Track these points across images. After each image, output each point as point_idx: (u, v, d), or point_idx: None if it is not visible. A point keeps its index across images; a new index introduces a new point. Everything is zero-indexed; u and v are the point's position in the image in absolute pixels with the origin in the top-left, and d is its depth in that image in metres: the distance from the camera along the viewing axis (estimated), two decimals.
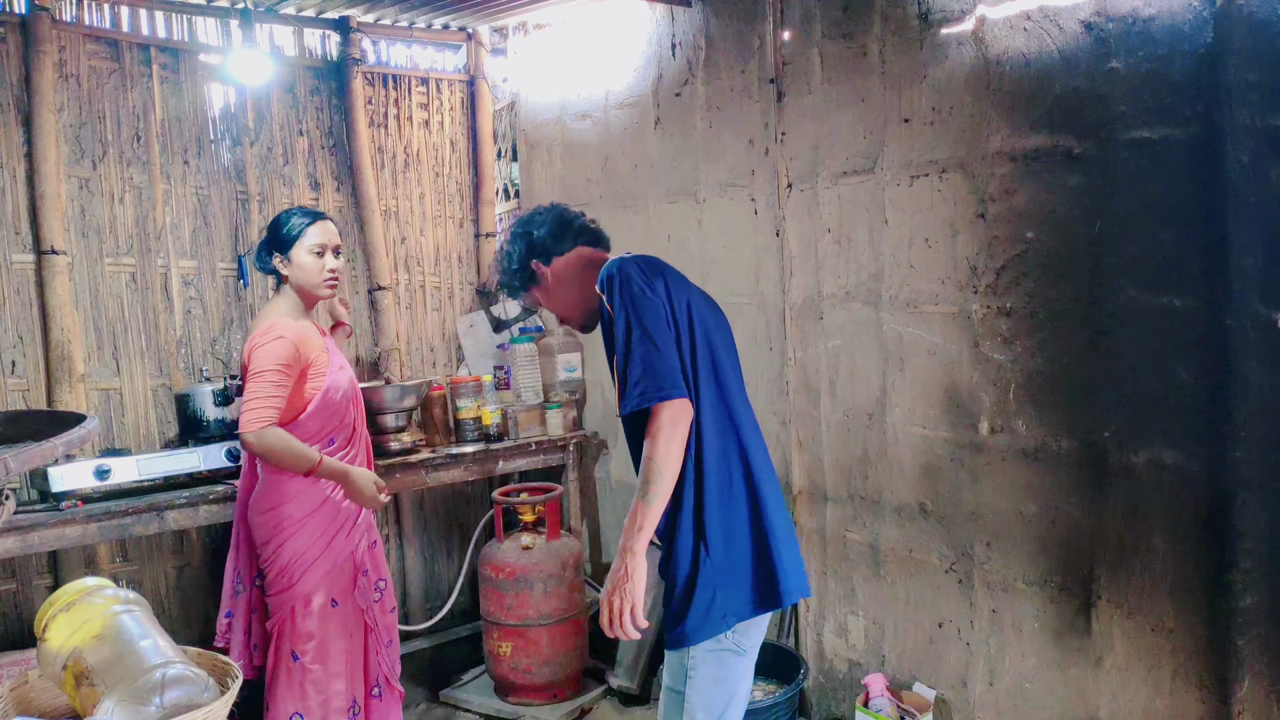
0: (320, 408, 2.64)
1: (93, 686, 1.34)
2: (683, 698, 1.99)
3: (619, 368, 1.90)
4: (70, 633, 1.41)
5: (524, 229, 2.17)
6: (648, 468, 1.85)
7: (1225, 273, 2.06)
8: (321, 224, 2.68)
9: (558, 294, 2.16)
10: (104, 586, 1.52)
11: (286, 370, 2.54)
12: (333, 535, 2.65)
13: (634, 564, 1.85)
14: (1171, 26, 2.12)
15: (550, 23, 4.12)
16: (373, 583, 2.75)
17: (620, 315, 1.91)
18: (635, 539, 1.85)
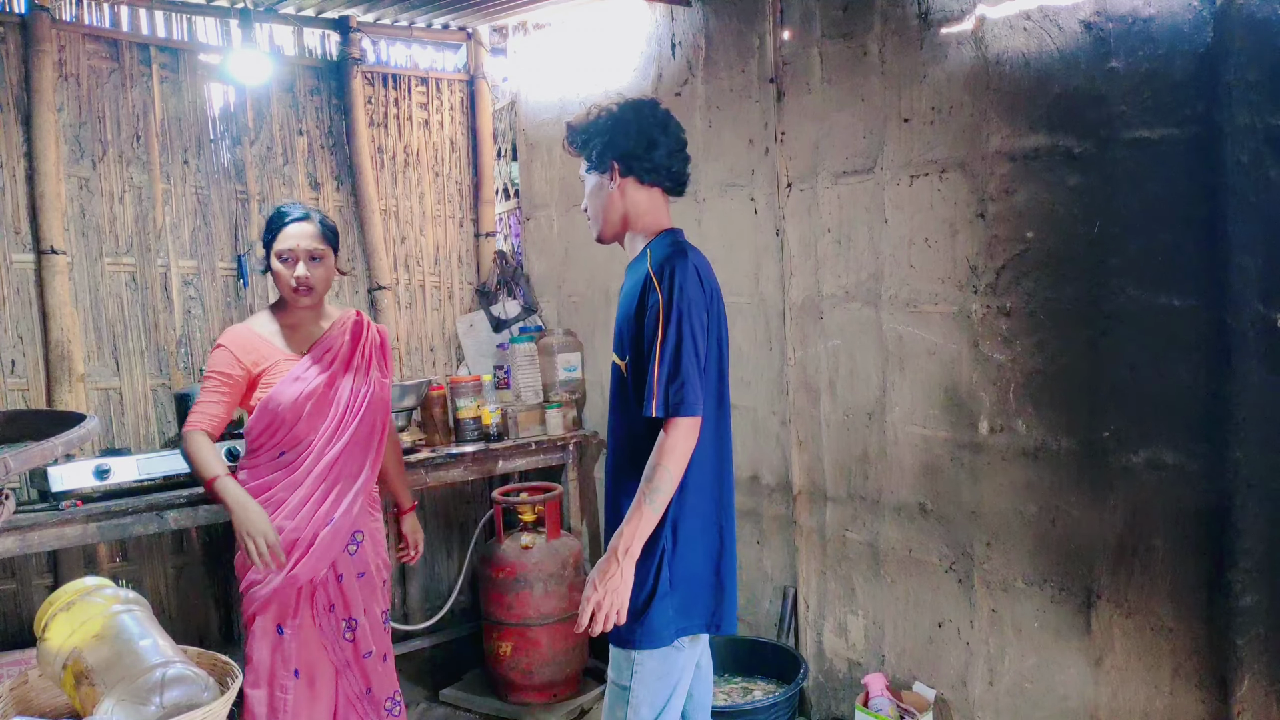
0: (258, 418, 2.48)
1: (92, 686, 1.34)
2: (628, 692, 2.03)
3: (657, 364, 1.90)
4: (70, 632, 1.41)
5: (637, 123, 2.06)
6: (659, 475, 1.88)
7: (1225, 272, 2.06)
8: (297, 226, 2.53)
9: (608, 202, 2.09)
10: (104, 586, 1.52)
11: (222, 377, 2.47)
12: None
13: (628, 567, 1.90)
14: (1171, 26, 2.12)
15: (550, 22, 4.12)
16: (339, 620, 2.51)
17: (673, 313, 1.91)
18: (633, 542, 1.90)
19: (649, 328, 1.93)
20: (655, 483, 1.89)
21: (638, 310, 1.98)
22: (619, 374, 2.04)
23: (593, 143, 2.08)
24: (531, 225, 4.40)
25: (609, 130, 2.06)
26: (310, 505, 2.48)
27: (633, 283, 2.03)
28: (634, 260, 2.09)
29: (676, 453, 1.89)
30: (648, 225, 2.08)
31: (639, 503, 1.90)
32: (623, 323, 2.03)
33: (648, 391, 1.90)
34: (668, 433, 1.90)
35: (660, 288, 1.93)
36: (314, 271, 2.54)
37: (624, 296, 2.05)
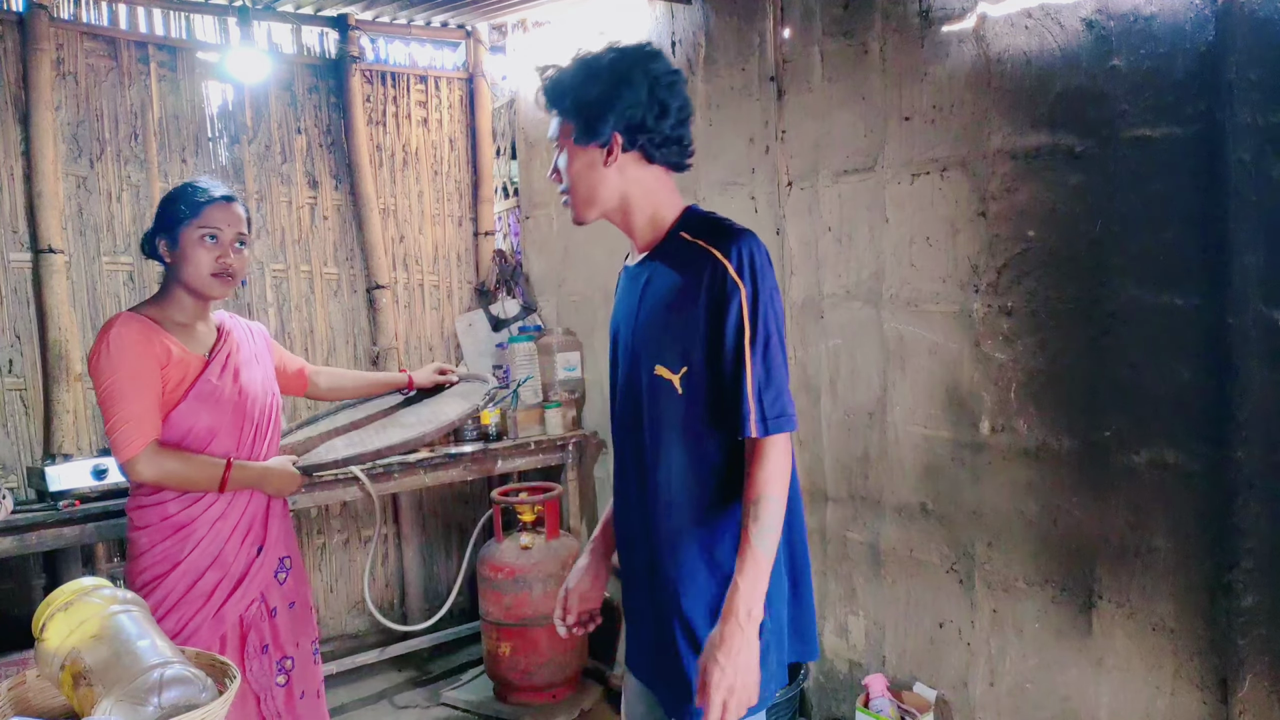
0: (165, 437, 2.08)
1: (90, 686, 1.33)
2: None
3: (750, 373, 1.55)
4: (68, 632, 1.40)
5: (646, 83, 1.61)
6: (766, 510, 1.52)
7: (1227, 271, 2.05)
8: (226, 206, 2.14)
9: (601, 182, 1.65)
10: (101, 586, 1.51)
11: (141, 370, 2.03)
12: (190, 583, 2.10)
13: (753, 633, 1.51)
14: (1173, 25, 2.11)
15: (549, 20, 4.11)
16: (272, 662, 2.18)
17: (760, 308, 1.55)
18: (755, 601, 1.51)
19: (730, 329, 1.55)
20: (764, 520, 1.52)
21: (705, 308, 1.57)
22: (664, 391, 1.60)
23: (586, 108, 1.61)
24: (531, 224, 4.39)
25: (610, 92, 1.60)
26: (236, 535, 2.15)
27: (671, 275, 1.62)
28: (659, 248, 1.67)
29: (780, 477, 1.54)
30: (660, 206, 1.68)
31: (750, 550, 1.51)
32: (664, 326, 1.61)
33: (744, 408, 1.54)
34: (767, 454, 1.54)
35: (741, 278, 1.55)
36: (239, 260, 2.16)
37: (654, 292, 1.64)
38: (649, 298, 1.65)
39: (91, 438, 3.47)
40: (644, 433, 1.65)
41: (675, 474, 1.62)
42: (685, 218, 1.68)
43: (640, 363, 1.64)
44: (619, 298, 1.79)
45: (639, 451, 1.67)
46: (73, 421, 3.40)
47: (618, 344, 1.75)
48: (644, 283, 1.67)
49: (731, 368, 1.55)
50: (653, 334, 1.63)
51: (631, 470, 1.70)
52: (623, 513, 1.77)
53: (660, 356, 1.61)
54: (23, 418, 3.37)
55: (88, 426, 3.46)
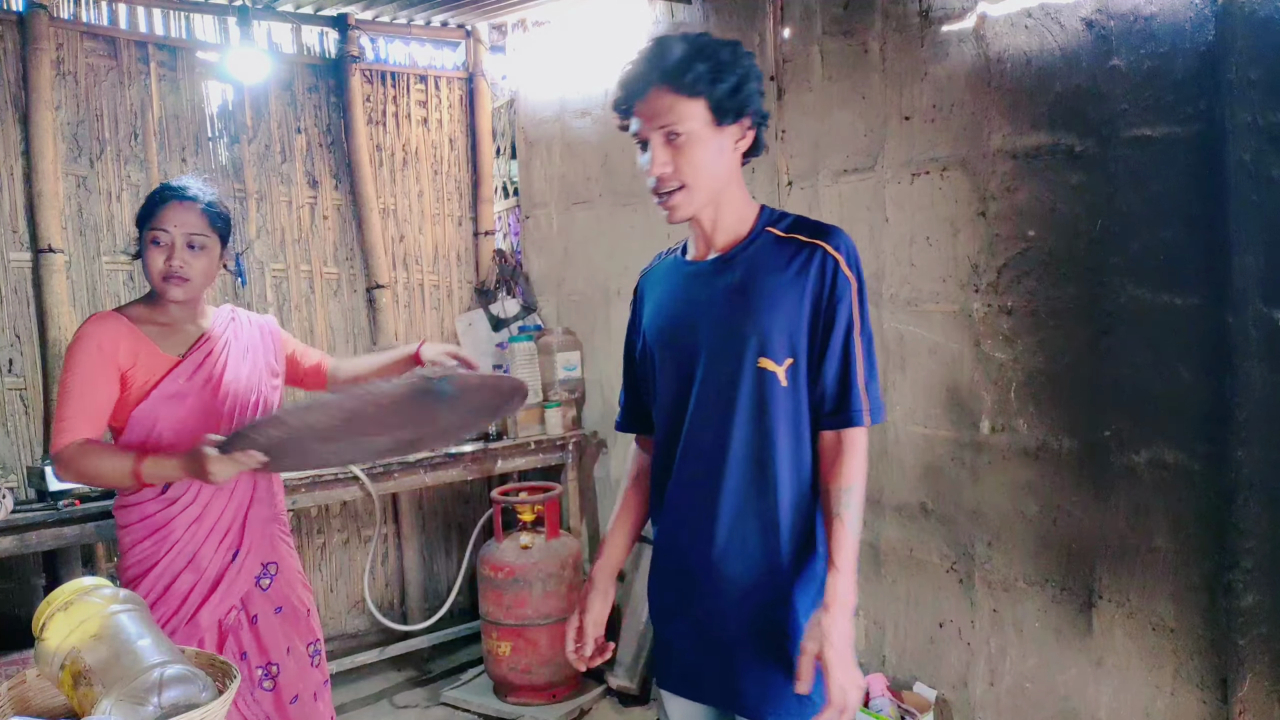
0: (130, 437, 2.05)
1: (90, 686, 1.33)
2: None
3: (861, 363, 1.58)
4: (68, 632, 1.40)
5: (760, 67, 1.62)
6: (859, 496, 1.58)
7: (1227, 271, 2.05)
8: (178, 206, 2.05)
9: (726, 170, 1.59)
10: (102, 586, 1.51)
11: (91, 371, 2.00)
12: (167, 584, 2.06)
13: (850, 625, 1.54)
14: (1173, 24, 2.11)
15: (549, 20, 4.11)
16: (253, 669, 2.13)
17: (865, 300, 1.60)
18: (853, 588, 1.55)
19: (841, 321, 1.57)
20: (856, 508, 1.57)
21: (814, 302, 1.58)
22: (769, 383, 1.59)
23: (731, 85, 1.53)
24: (531, 224, 4.39)
25: (748, 69, 1.55)
26: (213, 538, 2.10)
27: (771, 271, 1.60)
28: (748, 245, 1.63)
29: (864, 468, 1.60)
30: (744, 200, 1.65)
31: (848, 536, 1.55)
32: (767, 320, 1.59)
33: (854, 399, 1.57)
34: (858, 443, 1.59)
35: (852, 271, 1.58)
36: (192, 262, 2.06)
37: (749, 288, 1.60)
38: (740, 293, 1.61)
39: None
40: (740, 427, 1.60)
41: (782, 465, 1.60)
42: (767, 214, 1.66)
43: (735, 357, 1.59)
44: (676, 295, 1.70)
45: (737, 446, 1.61)
46: None
47: (677, 342, 1.67)
48: (730, 279, 1.62)
49: (840, 359, 1.58)
50: (752, 328, 1.59)
51: (715, 467, 1.63)
52: (691, 516, 1.67)
53: (765, 349, 1.58)
54: (23, 417, 3.37)
55: None
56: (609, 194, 3.89)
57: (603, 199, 3.91)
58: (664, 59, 1.53)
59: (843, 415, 1.58)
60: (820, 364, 1.58)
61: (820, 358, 1.58)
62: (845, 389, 1.58)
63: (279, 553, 2.24)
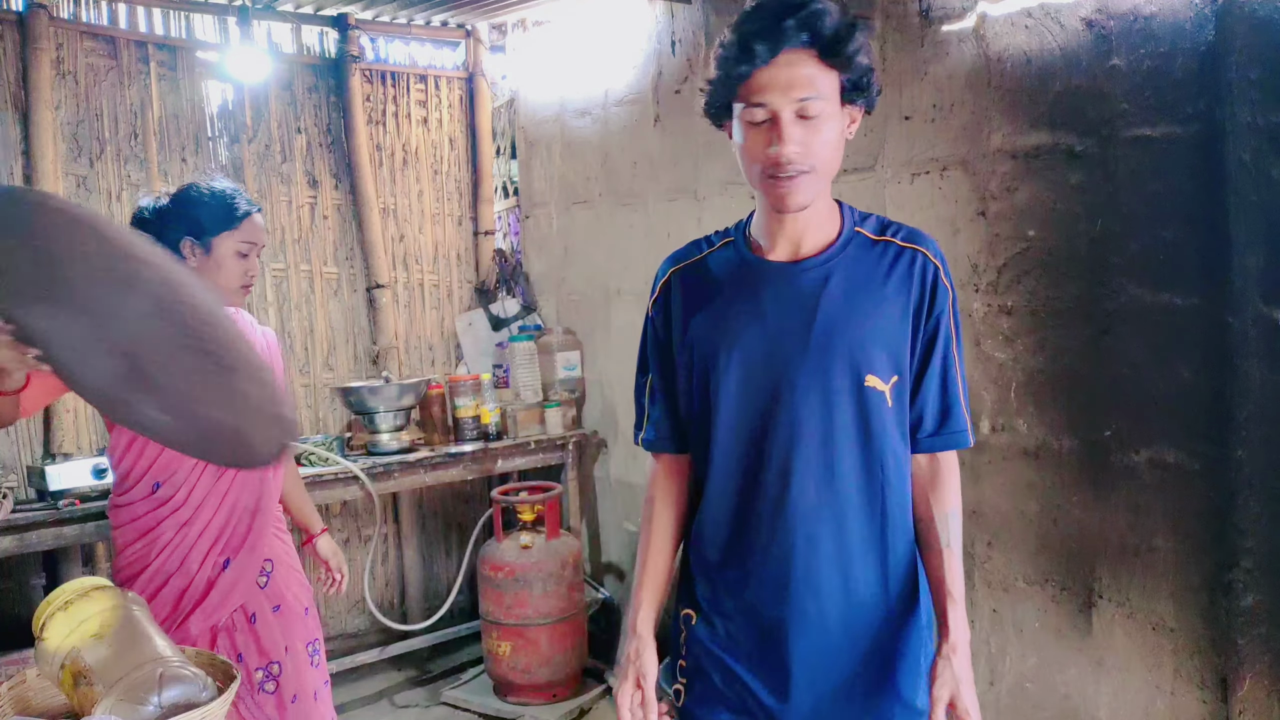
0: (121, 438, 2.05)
1: (91, 686, 1.34)
2: None
3: (960, 380, 1.47)
4: (68, 632, 1.40)
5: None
6: (960, 519, 1.49)
7: (1227, 271, 2.05)
8: (259, 219, 2.14)
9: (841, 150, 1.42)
10: (102, 586, 1.51)
11: None
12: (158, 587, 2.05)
13: None
14: (1173, 24, 2.11)
15: (549, 20, 4.11)
16: (252, 670, 2.10)
17: (959, 318, 1.49)
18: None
19: (943, 334, 1.45)
20: (959, 532, 1.47)
21: (915, 313, 1.44)
22: (877, 403, 1.43)
23: (863, 58, 1.37)
24: (531, 223, 4.39)
25: (869, 43, 1.39)
26: (203, 542, 2.08)
27: (867, 277, 1.45)
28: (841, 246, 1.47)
29: (960, 495, 1.49)
30: (829, 196, 1.50)
31: (958, 563, 1.45)
32: (869, 332, 1.43)
33: (959, 417, 1.47)
34: (954, 466, 1.49)
35: (947, 278, 1.45)
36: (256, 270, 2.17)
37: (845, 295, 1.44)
38: (834, 301, 1.44)
39: (91, 437, 3.46)
40: (847, 453, 1.44)
41: (892, 493, 1.46)
42: (849, 212, 1.50)
43: (838, 374, 1.42)
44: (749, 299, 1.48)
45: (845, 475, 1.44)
46: (73, 421, 3.40)
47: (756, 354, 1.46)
48: (827, 286, 1.44)
49: (941, 376, 1.46)
50: (852, 341, 1.42)
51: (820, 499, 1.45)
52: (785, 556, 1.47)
53: (870, 365, 1.43)
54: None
55: (88, 426, 3.46)
56: (609, 194, 3.89)
57: (602, 199, 3.91)
58: (817, 18, 1.32)
59: (946, 436, 1.47)
60: (921, 381, 1.46)
61: (921, 374, 1.46)
62: (948, 408, 1.46)
63: (274, 550, 2.20)
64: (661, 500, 1.62)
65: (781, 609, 1.47)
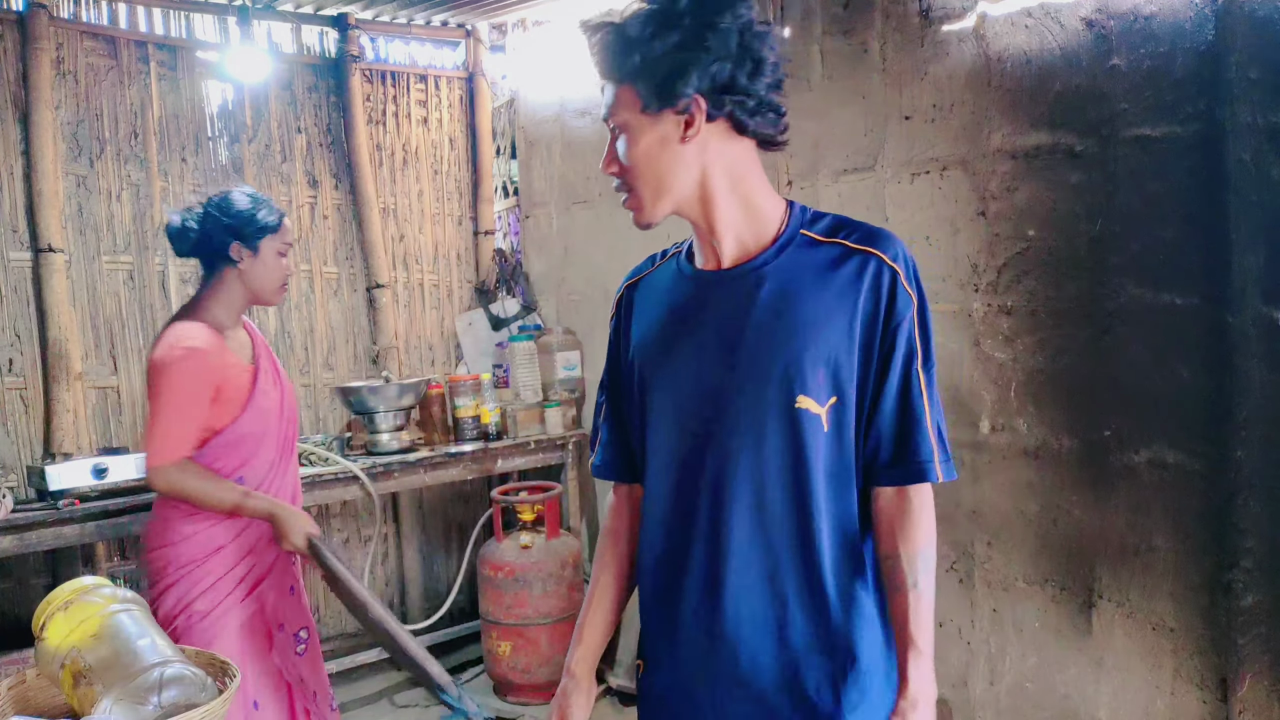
0: (228, 446, 2.21)
1: (90, 685, 1.33)
2: None
3: (927, 403, 1.30)
4: (68, 631, 1.40)
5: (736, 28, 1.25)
6: (932, 561, 1.30)
7: (1227, 271, 2.05)
8: (288, 221, 2.35)
9: (676, 162, 1.29)
10: (102, 585, 1.51)
11: (198, 392, 2.14)
12: (231, 587, 2.22)
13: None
14: (1173, 24, 2.11)
15: (549, 19, 4.11)
16: (291, 635, 2.33)
17: (930, 332, 1.31)
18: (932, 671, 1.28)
19: (900, 350, 1.28)
20: (930, 576, 1.29)
21: (865, 325, 1.27)
22: (808, 428, 1.27)
23: (659, 63, 1.24)
24: (530, 223, 4.39)
25: (691, 41, 1.23)
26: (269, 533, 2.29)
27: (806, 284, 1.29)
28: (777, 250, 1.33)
29: (934, 528, 1.31)
30: (755, 192, 1.34)
31: (925, 612, 1.28)
32: (801, 347, 1.27)
33: (922, 447, 1.28)
34: (922, 501, 1.31)
35: (910, 285, 1.28)
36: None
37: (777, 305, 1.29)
38: (766, 311, 1.29)
39: (91, 437, 3.47)
40: (773, 484, 1.29)
41: (824, 530, 1.29)
42: (799, 213, 1.36)
43: (765, 395, 1.28)
44: (678, 314, 1.38)
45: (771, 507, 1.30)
46: (73, 421, 3.40)
47: (682, 374, 1.35)
48: (755, 296, 1.30)
49: (899, 398, 1.28)
50: (783, 357, 1.27)
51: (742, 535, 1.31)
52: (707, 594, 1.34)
53: (801, 384, 1.26)
54: (23, 417, 3.37)
55: (88, 426, 3.46)
56: (609, 194, 3.89)
57: (602, 199, 3.91)
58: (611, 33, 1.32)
59: (906, 468, 1.29)
60: (876, 404, 1.28)
61: (876, 396, 1.28)
62: (908, 435, 1.28)
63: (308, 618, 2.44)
64: (612, 535, 1.50)
65: (711, 661, 1.34)
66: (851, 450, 1.30)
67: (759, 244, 1.34)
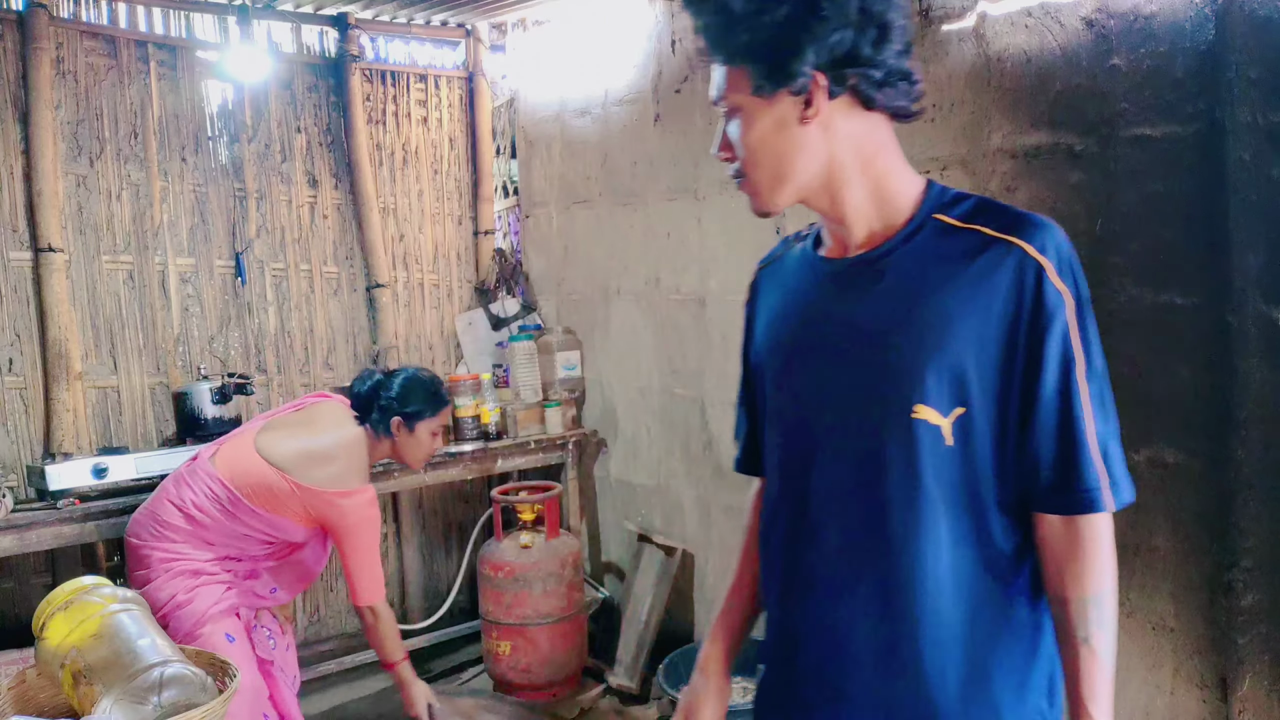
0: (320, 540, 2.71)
1: (91, 685, 1.34)
2: None
3: (1089, 416, 1.14)
4: (68, 631, 1.41)
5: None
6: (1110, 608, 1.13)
7: (1227, 270, 2.05)
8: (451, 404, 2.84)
9: (799, 146, 1.15)
10: (102, 585, 1.51)
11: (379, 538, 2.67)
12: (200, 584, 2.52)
13: None
14: (1173, 24, 2.11)
15: (549, 19, 4.11)
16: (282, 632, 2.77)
17: (1093, 334, 1.13)
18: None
19: (1051, 355, 1.10)
20: (1109, 626, 1.12)
21: (1004, 325, 1.10)
22: (926, 441, 1.12)
23: (772, 40, 1.10)
24: (530, 223, 4.39)
25: (803, 11, 1.09)
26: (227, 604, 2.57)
27: (936, 276, 1.13)
28: (904, 237, 1.17)
29: (1113, 567, 1.14)
30: (888, 174, 1.19)
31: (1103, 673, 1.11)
32: (923, 348, 1.12)
33: (1086, 472, 1.13)
34: (1096, 534, 1.14)
35: (1064, 282, 1.10)
36: None
37: (900, 300, 1.15)
38: (883, 307, 1.15)
39: (91, 436, 3.47)
40: (881, 503, 1.14)
41: (935, 562, 1.13)
42: (936, 195, 1.19)
43: (878, 401, 1.14)
44: (801, 303, 1.26)
45: (878, 530, 1.15)
46: (73, 420, 3.40)
47: (796, 370, 1.24)
48: (875, 288, 1.17)
49: (1053, 413, 1.11)
50: (899, 359, 1.13)
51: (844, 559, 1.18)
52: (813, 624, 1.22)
53: (919, 391, 1.11)
54: (22, 416, 3.37)
55: (87, 425, 3.46)
56: (608, 193, 3.89)
57: (602, 198, 3.91)
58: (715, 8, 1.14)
59: (1068, 496, 1.13)
60: (1026, 421, 1.12)
61: (1025, 411, 1.12)
62: (1069, 458, 1.12)
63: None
64: (749, 531, 1.42)
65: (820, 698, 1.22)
66: (986, 473, 1.13)
67: (887, 230, 1.18)
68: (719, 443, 3.47)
